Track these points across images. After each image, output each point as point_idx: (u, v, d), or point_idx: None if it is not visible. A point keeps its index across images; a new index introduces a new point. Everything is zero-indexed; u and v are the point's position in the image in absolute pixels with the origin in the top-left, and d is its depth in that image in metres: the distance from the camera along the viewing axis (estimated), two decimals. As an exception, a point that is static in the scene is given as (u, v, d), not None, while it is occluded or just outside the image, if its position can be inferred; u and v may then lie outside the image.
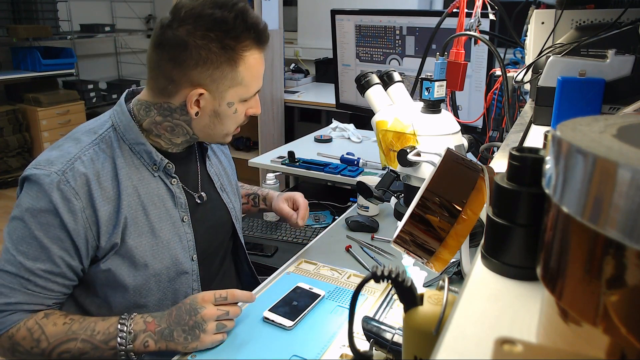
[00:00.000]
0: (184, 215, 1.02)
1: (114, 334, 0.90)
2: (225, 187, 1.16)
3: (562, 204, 0.25)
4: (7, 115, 3.84)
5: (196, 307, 0.90)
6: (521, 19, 1.29)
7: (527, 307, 0.35)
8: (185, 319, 0.90)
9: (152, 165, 0.98)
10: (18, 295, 0.90)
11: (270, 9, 3.34)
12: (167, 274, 0.99)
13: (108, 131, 0.96)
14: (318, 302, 1.04)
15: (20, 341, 0.90)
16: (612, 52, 0.70)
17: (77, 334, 0.90)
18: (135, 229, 0.94)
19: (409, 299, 0.53)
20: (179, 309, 0.92)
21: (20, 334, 0.91)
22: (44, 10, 4.00)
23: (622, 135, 0.26)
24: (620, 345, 0.24)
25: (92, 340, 0.90)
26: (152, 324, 0.91)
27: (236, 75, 0.92)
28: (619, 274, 0.23)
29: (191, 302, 0.91)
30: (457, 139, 0.95)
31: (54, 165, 0.90)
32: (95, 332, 0.90)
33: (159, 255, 0.97)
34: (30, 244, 0.89)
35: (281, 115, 3.70)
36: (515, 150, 0.38)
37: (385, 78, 1.09)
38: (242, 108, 0.98)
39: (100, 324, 0.91)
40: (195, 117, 0.95)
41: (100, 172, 0.92)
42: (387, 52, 1.89)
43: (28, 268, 0.89)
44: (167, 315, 0.92)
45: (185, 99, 0.92)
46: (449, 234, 0.55)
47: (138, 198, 0.95)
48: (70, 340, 0.90)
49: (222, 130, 0.99)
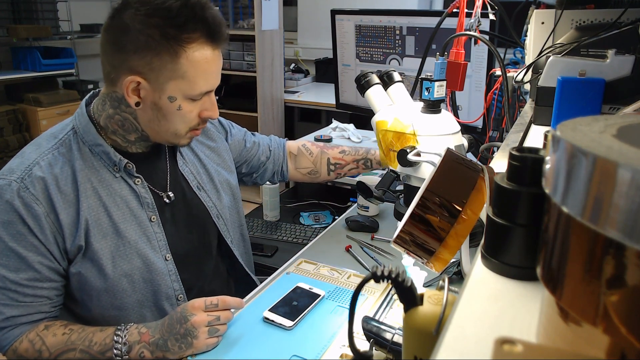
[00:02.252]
0: (151, 215, 1.01)
1: (110, 345, 0.91)
2: (203, 185, 1.13)
3: (562, 204, 0.25)
4: (7, 115, 3.84)
5: (186, 315, 0.91)
6: (521, 19, 1.29)
7: (527, 307, 0.35)
8: (177, 328, 0.91)
9: (112, 166, 0.97)
10: (11, 309, 0.91)
11: (270, 9, 3.34)
12: (139, 274, 0.98)
13: (68, 135, 0.96)
14: (318, 302, 1.04)
15: (24, 354, 0.92)
16: (612, 52, 0.70)
17: (76, 345, 0.92)
18: (99, 231, 0.94)
19: (409, 299, 0.53)
20: (171, 318, 0.93)
21: (22, 346, 0.92)
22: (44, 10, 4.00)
23: (622, 135, 0.26)
24: (620, 345, 0.24)
25: (89, 351, 0.91)
26: (147, 335, 0.92)
27: (177, 67, 0.88)
28: (619, 274, 0.23)
29: (182, 311, 0.93)
30: (457, 139, 0.95)
31: (14, 174, 0.90)
32: (93, 342, 0.92)
33: (126, 255, 0.97)
34: (9, 256, 0.90)
35: (281, 115, 3.70)
36: (515, 150, 0.38)
37: (385, 78, 1.09)
38: (189, 106, 0.93)
39: (98, 334, 0.93)
40: (137, 108, 0.92)
41: (58, 177, 0.92)
42: (387, 52, 1.89)
43: (12, 280, 0.90)
44: (160, 325, 0.93)
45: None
46: (449, 234, 0.55)
47: (99, 200, 0.95)
48: (70, 350, 0.91)
49: (168, 128, 0.95)
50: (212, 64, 0.92)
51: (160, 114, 0.93)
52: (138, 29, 0.86)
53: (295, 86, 3.95)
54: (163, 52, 0.87)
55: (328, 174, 1.34)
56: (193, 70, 0.89)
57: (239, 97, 3.59)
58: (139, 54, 0.87)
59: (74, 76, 4.33)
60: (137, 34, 0.86)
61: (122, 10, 0.87)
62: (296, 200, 1.92)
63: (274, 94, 3.58)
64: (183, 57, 0.88)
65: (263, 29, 3.32)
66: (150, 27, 0.85)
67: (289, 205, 1.87)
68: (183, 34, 0.87)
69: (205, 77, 0.92)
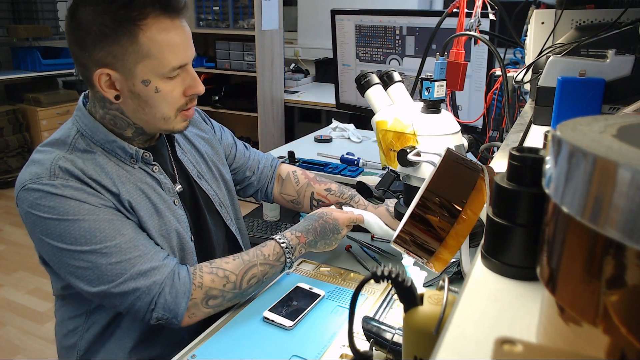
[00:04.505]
0: (174, 199, 1.02)
1: (281, 252, 1.05)
2: (203, 174, 1.13)
3: (562, 204, 0.25)
4: (7, 115, 3.85)
5: (338, 227, 1.12)
6: (521, 19, 1.29)
7: (527, 307, 0.35)
8: (329, 235, 1.12)
9: (129, 159, 0.97)
10: (150, 261, 0.91)
11: (270, 9, 3.34)
12: (178, 251, 1.01)
13: (75, 138, 0.94)
14: (318, 302, 1.04)
15: (210, 284, 0.96)
16: (612, 52, 0.70)
17: (253, 262, 1.01)
18: (145, 212, 0.95)
19: (409, 299, 0.53)
20: (324, 227, 1.11)
21: (206, 279, 0.96)
22: (44, 10, 4.01)
23: (622, 135, 0.26)
24: (620, 345, 0.24)
25: (267, 261, 1.03)
26: (303, 237, 1.09)
27: (139, 48, 0.86)
28: (619, 274, 0.23)
29: (334, 223, 1.12)
30: (457, 139, 0.95)
31: (42, 176, 0.88)
32: (267, 255, 1.03)
33: (168, 234, 0.98)
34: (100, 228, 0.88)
35: (281, 115, 3.71)
36: (515, 150, 0.38)
37: (385, 78, 1.08)
38: (167, 86, 0.91)
39: (264, 249, 1.04)
40: (119, 102, 0.91)
41: (84, 169, 0.91)
42: (387, 52, 1.89)
43: (120, 243, 0.89)
44: (312, 230, 1.10)
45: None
46: (449, 234, 0.54)
47: (134, 185, 0.95)
48: (252, 266, 1.01)
49: (155, 114, 0.93)
50: (174, 34, 0.89)
51: (141, 101, 0.91)
52: (90, 21, 0.85)
53: (295, 86, 3.95)
54: (120, 37, 0.85)
55: (310, 207, 1.33)
56: (156, 46, 0.87)
57: (238, 97, 3.59)
58: (98, 46, 0.86)
59: (74, 76, 4.33)
60: (90, 26, 0.85)
61: (74, 9, 0.87)
62: (296, 200, 1.92)
63: (274, 94, 3.58)
64: (141, 36, 0.86)
65: (263, 29, 3.32)
66: (100, 14, 0.84)
67: (289, 205, 1.86)
68: (133, 12, 0.85)
69: (171, 50, 0.88)
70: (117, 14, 0.84)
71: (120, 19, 0.84)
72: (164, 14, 0.88)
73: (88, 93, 0.99)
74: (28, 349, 2.20)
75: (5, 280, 2.70)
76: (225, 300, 0.98)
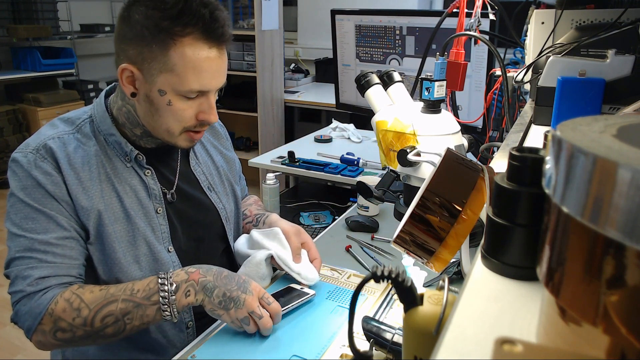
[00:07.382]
0: (157, 207, 1.02)
1: (155, 288, 0.90)
2: (215, 187, 1.13)
3: (562, 204, 0.25)
4: (7, 115, 3.85)
5: (247, 287, 0.93)
6: (521, 19, 1.29)
7: (527, 307, 0.35)
8: (232, 288, 0.92)
9: (124, 156, 0.99)
10: (40, 270, 0.90)
11: (270, 9, 3.34)
12: (146, 261, 0.99)
13: (85, 122, 0.99)
14: (305, 301, 1.04)
15: (61, 314, 0.88)
16: (612, 52, 0.70)
17: (117, 296, 0.89)
18: (112, 215, 0.96)
19: (409, 299, 0.53)
20: (231, 276, 0.94)
21: (59, 307, 0.88)
22: (44, 10, 4.01)
23: (622, 135, 0.26)
24: (620, 345, 0.24)
25: (133, 298, 0.89)
26: (196, 274, 0.92)
27: (166, 60, 0.88)
28: (619, 274, 0.23)
29: (245, 280, 0.94)
30: (457, 139, 0.95)
31: (29, 147, 0.95)
32: (135, 290, 0.90)
33: (135, 241, 0.98)
34: (35, 218, 0.91)
35: (281, 115, 3.71)
36: (515, 150, 0.38)
37: (385, 78, 1.08)
38: (180, 104, 0.92)
39: (138, 283, 0.91)
40: (134, 99, 0.94)
41: (70, 155, 0.94)
42: (387, 52, 1.89)
43: (41, 240, 0.90)
44: (215, 272, 0.94)
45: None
46: (449, 234, 0.54)
47: (112, 186, 0.97)
48: (111, 302, 0.89)
49: (161, 124, 0.94)
50: (206, 62, 0.90)
51: (152, 107, 0.93)
52: (137, 20, 0.88)
53: (295, 86, 3.95)
54: (153, 43, 0.88)
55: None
56: (182, 65, 0.88)
57: (239, 97, 3.59)
58: (134, 43, 0.89)
59: (74, 76, 4.33)
60: (135, 24, 0.88)
61: (132, 3, 0.90)
62: (296, 200, 1.92)
63: (274, 94, 3.58)
64: (172, 50, 0.88)
65: (263, 29, 3.32)
66: (147, 18, 0.87)
67: (289, 205, 1.87)
68: (176, 26, 0.87)
69: (196, 74, 0.89)
70: (161, 24, 0.87)
71: (160, 28, 0.87)
72: (203, 39, 0.89)
73: (116, 83, 1.02)
74: (28, 349, 2.20)
75: (5, 280, 2.70)
76: (75, 336, 0.89)
